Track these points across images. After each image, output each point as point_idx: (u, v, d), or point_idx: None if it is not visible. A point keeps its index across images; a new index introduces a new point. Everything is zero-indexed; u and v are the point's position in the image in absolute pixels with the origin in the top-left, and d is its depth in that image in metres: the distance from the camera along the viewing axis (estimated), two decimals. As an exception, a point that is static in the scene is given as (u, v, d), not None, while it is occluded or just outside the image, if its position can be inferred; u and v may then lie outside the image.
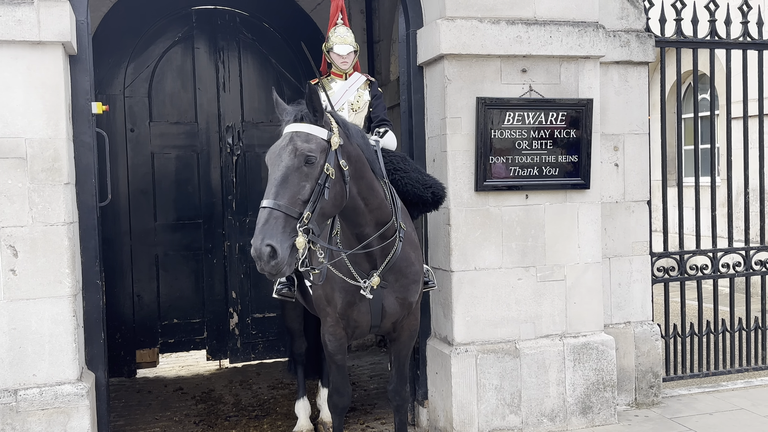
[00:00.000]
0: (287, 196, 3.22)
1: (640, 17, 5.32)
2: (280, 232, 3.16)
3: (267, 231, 3.14)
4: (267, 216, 3.18)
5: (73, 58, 4.33)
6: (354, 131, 3.69)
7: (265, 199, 3.23)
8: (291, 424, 5.17)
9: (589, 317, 5.01)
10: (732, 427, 4.93)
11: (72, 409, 4.11)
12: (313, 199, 3.27)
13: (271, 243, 3.13)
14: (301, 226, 3.22)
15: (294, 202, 3.24)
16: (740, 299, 6.13)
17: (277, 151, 3.36)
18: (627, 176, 5.33)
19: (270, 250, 3.12)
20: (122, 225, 6.73)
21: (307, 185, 3.28)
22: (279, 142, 3.42)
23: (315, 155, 3.32)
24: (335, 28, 4.76)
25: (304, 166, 3.28)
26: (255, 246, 3.14)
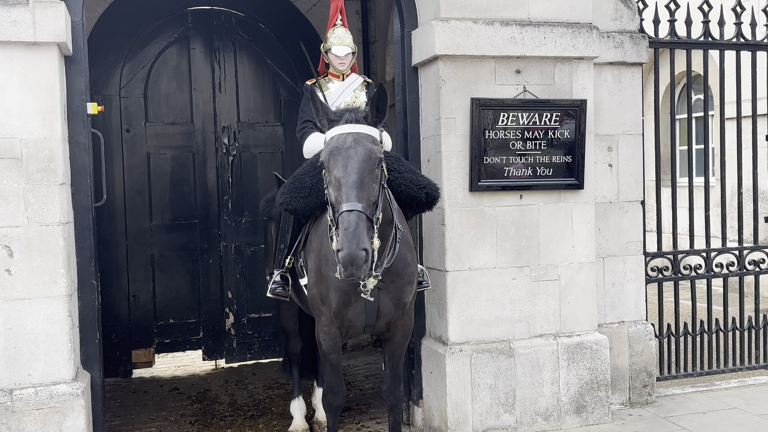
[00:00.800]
0: (365, 198, 3.27)
1: (633, 18, 5.35)
2: (367, 235, 3.21)
3: (359, 235, 3.18)
4: (357, 219, 3.21)
5: (69, 58, 4.34)
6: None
7: (347, 201, 3.24)
8: (286, 423, 5.19)
9: (583, 317, 5.03)
10: (725, 426, 4.96)
11: (67, 408, 4.12)
12: (380, 200, 3.36)
13: (366, 247, 3.17)
14: (377, 226, 3.31)
15: (369, 205, 3.30)
16: (734, 299, 6.16)
17: (344, 151, 3.36)
18: (621, 176, 5.35)
19: (365, 254, 3.16)
20: (118, 225, 6.74)
21: (375, 187, 3.36)
22: (341, 142, 3.40)
23: (381, 157, 3.40)
24: (334, 29, 4.78)
25: (375, 168, 3.35)
26: (351, 251, 3.14)
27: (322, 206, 4.26)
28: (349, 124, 3.44)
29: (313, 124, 4.69)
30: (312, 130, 4.67)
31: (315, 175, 4.27)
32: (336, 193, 3.33)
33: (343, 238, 3.18)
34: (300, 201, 4.22)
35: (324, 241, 4.02)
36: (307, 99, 4.73)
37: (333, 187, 3.39)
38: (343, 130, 3.44)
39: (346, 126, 3.45)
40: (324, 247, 4.01)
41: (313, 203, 4.24)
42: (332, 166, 3.38)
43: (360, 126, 3.44)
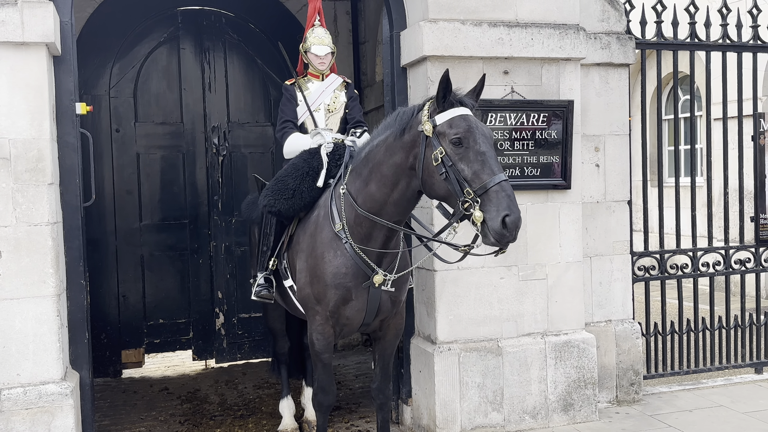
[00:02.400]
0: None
1: (620, 19, 5.39)
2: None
3: (516, 202, 3.38)
4: (511, 188, 3.41)
5: (57, 58, 4.34)
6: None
7: (499, 173, 3.40)
8: (276, 423, 5.20)
9: (571, 316, 5.07)
10: (711, 423, 5.01)
11: (56, 408, 4.12)
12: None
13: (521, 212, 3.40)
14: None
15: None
16: (720, 298, 6.21)
17: (478, 126, 3.52)
18: (608, 176, 5.39)
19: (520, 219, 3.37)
20: (107, 225, 6.74)
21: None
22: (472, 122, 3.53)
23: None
24: (313, 29, 4.80)
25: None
26: (519, 215, 3.33)
27: (305, 207, 4.28)
28: (464, 107, 3.58)
29: (293, 124, 4.72)
30: (292, 130, 4.69)
31: (298, 176, 4.29)
32: (479, 167, 3.43)
33: (509, 203, 3.33)
34: (284, 203, 4.24)
35: (318, 239, 4.03)
36: (286, 99, 4.76)
37: (471, 162, 3.46)
38: (464, 112, 3.56)
39: (463, 109, 3.58)
40: (319, 246, 4.02)
41: (297, 204, 4.26)
42: (472, 142, 3.48)
43: (471, 111, 3.60)
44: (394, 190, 3.75)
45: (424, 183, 3.63)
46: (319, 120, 4.72)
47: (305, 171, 4.31)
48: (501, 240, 3.35)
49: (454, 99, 3.58)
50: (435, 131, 3.54)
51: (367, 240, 3.87)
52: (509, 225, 3.31)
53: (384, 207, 3.80)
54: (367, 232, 3.86)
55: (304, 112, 4.74)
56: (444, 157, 3.49)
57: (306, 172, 4.30)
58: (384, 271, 3.89)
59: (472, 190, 3.40)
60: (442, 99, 3.57)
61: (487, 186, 3.36)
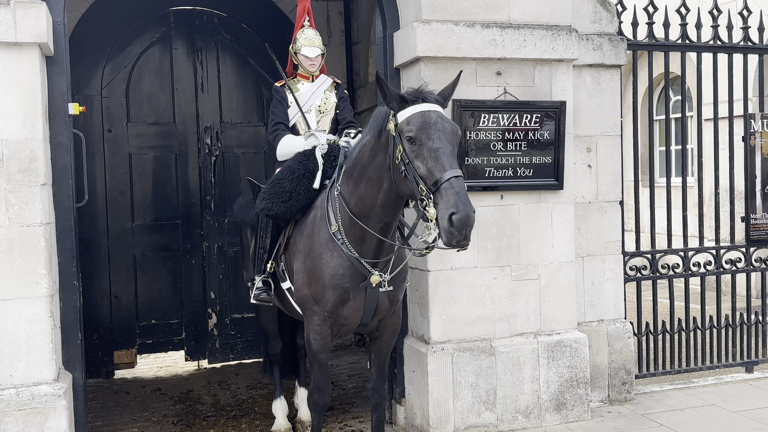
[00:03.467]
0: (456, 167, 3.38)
1: (612, 21, 5.42)
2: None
3: (468, 198, 3.29)
4: (463, 184, 3.32)
5: (50, 59, 4.33)
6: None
7: (451, 169, 3.32)
8: (269, 423, 5.20)
9: (563, 315, 5.09)
10: (703, 422, 5.04)
11: (49, 409, 4.11)
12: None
13: (474, 209, 3.30)
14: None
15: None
16: (711, 297, 6.25)
17: (434, 122, 3.44)
18: (600, 177, 5.42)
19: (474, 215, 3.28)
20: (100, 226, 6.72)
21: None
22: (429, 117, 3.46)
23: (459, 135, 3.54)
24: (303, 30, 4.79)
25: (456, 147, 3.47)
26: (467, 213, 3.22)
27: (302, 209, 4.29)
28: (428, 103, 3.53)
29: (284, 126, 4.72)
30: (284, 132, 4.69)
31: (294, 179, 4.29)
32: (433, 163, 3.37)
33: (457, 200, 3.24)
34: (281, 205, 4.24)
35: (315, 240, 4.03)
36: (277, 101, 4.76)
37: (425, 159, 3.40)
38: (426, 108, 3.50)
39: (425, 105, 3.52)
40: (316, 247, 4.02)
41: (294, 207, 4.26)
42: (425, 138, 3.42)
43: (436, 106, 3.54)
44: (380, 192, 3.73)
45: (394, 183, 3.60)
46: (311, 121, 4.72)
47: (301, 173, 4.31)
48: (450, 240, 3.25)
49: (418, 95, 3.56)
50: (397, 129, 3.52)
51: (362, 241, 3.87)
52: (455, 223, 3.21)
53: (373, 209, 3.78)
54: (361, 233, 3.86)
55: (296, 114, 4.74)
56: (402, 154, 3.46)
57: (302, 174, 4.30)
58: (380, 271, 3.90)
59: (425, 187, 3.35)
60: (398, 98, 3.55)
61: (439, 183, 3.31)
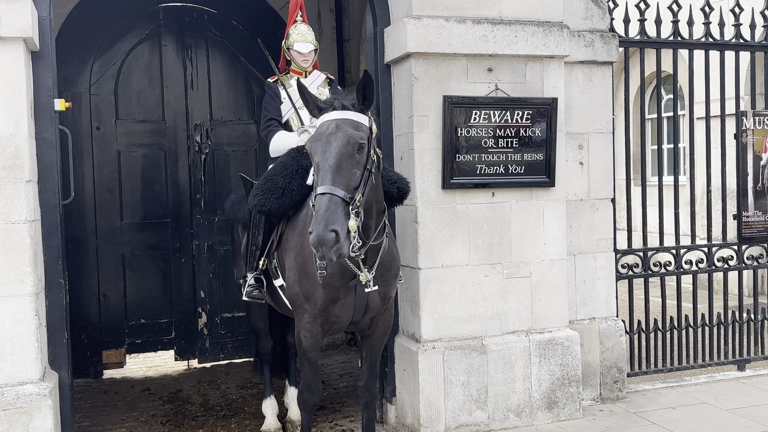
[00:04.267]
0: (343, 182, 3.31)
1: (604, 17, 5.40)
2: (340, 217, 3.25)
3: (329, 217, 3.22)
4: (328, 202, 3.26)
5: (36, 54, 4.27)
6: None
7: (322, 185, 3.29)
8: (259, 423, 5.16)
9: (555, 313, 5.07)
10: (695, 420, 5.02)
11: (34, 409, 4.05)
12: (362, 184, 3.37)
13: (335, 228, 3.21)
14: (353, 208, 3.31)
15: (348, 188, 3.33)
16: (703, 296, 6.24)
17: (324, 138, 3.40)
18: (591, 174, 5.40)
19: (335, 235, 3.20)
20: (88, 224, 6.66)
21: (357, 172, 3.38)
22: (324, 128, 3.44)
23: (365, 142, 3.42)
24: (295, 26, 4.76)
25: (356, 153, 3.37)
26: (318, 233, 3.19)
27: (295, 206, 4.25)
28: (336, 111, 3.49)
29: (277, 122, 4.68)
30: (277, 128, 4.65)
31: (287, 175, 4.25)
32: (317, 177, 3.39)
33: (314, 220, 3.25)
34: (274, 202, 4.20)
35: (305, 238, 4.00)
36: (269, 97, 4.72)
37: (315, 172, 3.45)
38: (329, 117, 3.48)
39: (333, 113, 3.49)
40: (307, 245, 3.99)
41: (287, 203, 4.23)
42: (313, 152, 3.44)
43: (346, 112, 3.48)
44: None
45: None
46: (304, 117, 4.68)
47: (294, 169, 4.27)
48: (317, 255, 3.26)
49: (331, 102, 3.53)
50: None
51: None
52: (310, 241, 3.22)
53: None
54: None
55: (289, 110, 4.70)
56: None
57: (295, 171, 4.27)
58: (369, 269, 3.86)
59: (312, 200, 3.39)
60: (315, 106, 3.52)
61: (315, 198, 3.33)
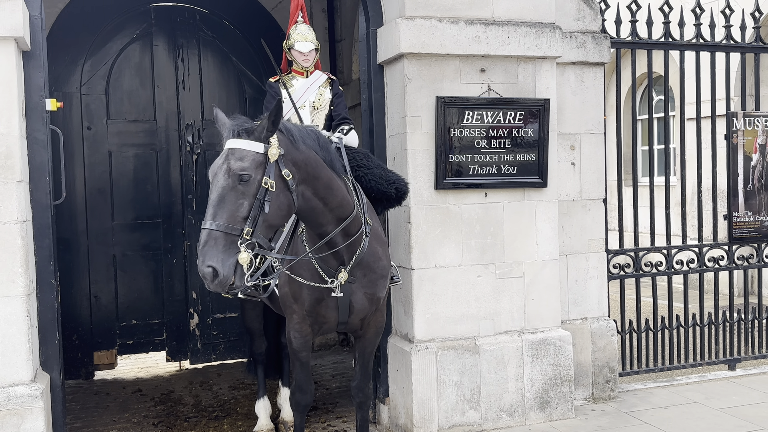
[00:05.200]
0: (225, 215, 3.27)
1: (596, 19, 5.42)
2: (220, 251, 3.22)
3: (207, 252, 3.21)
4: (206, 237, 3.24)
5: (27, 53, 4.25)
6: (303, 135, 3.65)
7: (205, 220, 3.29)
8: (252, 424, 5.14)
9: (547, 313, 5.08)
10: (686, 420, 5.04)
11: (26, 410, 4.03)
12: (252, 215, 3.30)
13: (211, 264, 3.20)
14: (242, 242, 3.26)
15: (234, 220, 3.28)
16: (694, 296, 6.27)
17: (215, 170, 3.39)
18: (583, 175, 5.41)
19: (211, 270, 3.20)
20: (79, 225, 6.63)
21: (245, 202, 3.31)
22: (218, 160, 3.42)
23: (249, 172, 3.33)
24: (296, 26, 4.75)
25: (239, 184, 3.31)
26: (198, 267, 3.24)
27: None
28: (230, 139, 3.43)
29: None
30: None
31: None
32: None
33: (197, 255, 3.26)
34: None
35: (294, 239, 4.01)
36: (270, 97, 4.70)
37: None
38: (225, 147, 3.44)
39: (226, 143, 3.44)
40: (294, 245, 3.99)
41: None
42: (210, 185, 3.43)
43: (235, 141, 3.41)
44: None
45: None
46: (305, 117, 4.66)
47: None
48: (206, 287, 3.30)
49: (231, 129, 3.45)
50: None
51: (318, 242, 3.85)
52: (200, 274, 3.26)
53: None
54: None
55: (290, 110, 4.68)
56: None
57: None
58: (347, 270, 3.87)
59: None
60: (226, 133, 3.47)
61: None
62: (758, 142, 6.13)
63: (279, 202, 3.42)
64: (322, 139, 3.82)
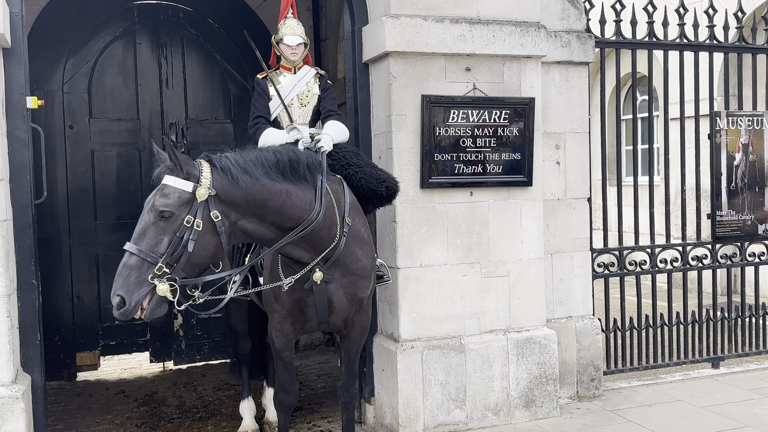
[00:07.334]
0: (144, 246, 3.29)
1: (580, 18, 5.43)
2: (132, 282, 3.27)
3: (118, 281, 3.28)
4: (124, 261, 3.30)
5: (7, 51, 4.19)
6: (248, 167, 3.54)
7: (128, 243, 3.32)
8: (236, 424, 5.11)
9: (532, 312, 5.08)
10: (670, 418, 5.07)
11: (6, 412, 3.98)
12: (170, 252, 3.30)
13: (121, 294, 3.26)
14: (155, 277, 3.27)
15: (153, 252, 3.29)
16: (678, 294, 6.30)
17: (146, 203, 3.40)
18: (568, 174, 5.43)
19: (119, 299, 3.26)
20: (61, 224, 6.56)
21: (164, 238, 3.31)
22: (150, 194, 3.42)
23: (171, 209, 3.31)
24: (285, 20, 4.70)
25: (160, 221, 3.31)
26: (111, 295, 3.30)
27: None
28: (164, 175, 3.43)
29: (265, 119, 4.63)
30: (265, 125, 4.59)
31: None
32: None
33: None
34: None
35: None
36: (258, 94, 4.65)
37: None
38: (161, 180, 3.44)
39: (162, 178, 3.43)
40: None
41: None
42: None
43: (168, 178, 3.40)
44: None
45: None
46: (293, 114, 4.62)
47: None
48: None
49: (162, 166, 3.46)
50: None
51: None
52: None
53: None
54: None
55: (278, 106, 4.62)
56: None
57: None
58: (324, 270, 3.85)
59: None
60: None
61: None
62: (741, 141, 6.17)
63: (204, 242, 3.39)
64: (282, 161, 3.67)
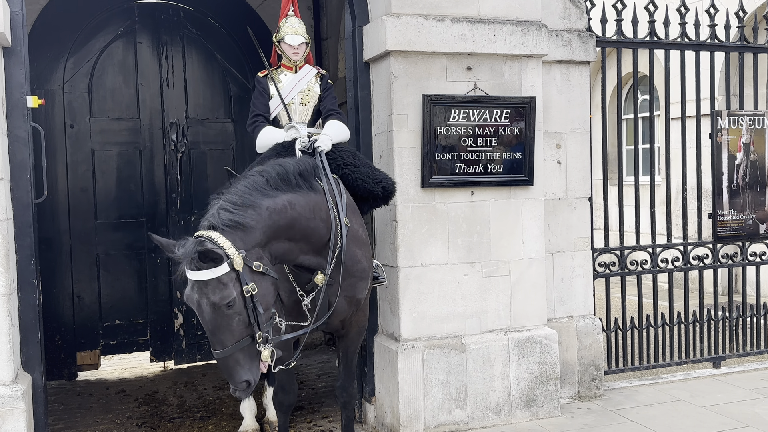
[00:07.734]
0: (228, 340, 3.24)
1: (581, 17, 5.43)
2: (246, 366, 3.28)
3: (235, 371, 3.27)
4: (224, 362, 3.28)
5: (7, 50, 4.19)
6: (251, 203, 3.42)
7: (213, 348, 3.29)
8: (237, 424, 5.10)
9: (533, 312, 5.08)
10: (671, 417, 5.06)
11: (6, 411, 3.97)
12: (252, 321, 3.28)
13: (245, 379, 3.27)
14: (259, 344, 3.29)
15: (239, 336, 3.25)
16: (679, 294, 6.30)
17: (194, 302, 3.24)
18: (569, 173, 5.42)
19: (246, 384, 3.28)
20: (61, 224, 6.55)
21: (239, 317, 3.25)
22: (190, 291, 3.24)
23: (230, 295, 3.20)
24: (286, 19, 4.69)
25: (227, 310, 3.21)
26: (234, 388, 3.30)
27: None
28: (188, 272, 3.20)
29: (264, 118, 4.63)
30: (264, 124, 4.59)
31: None
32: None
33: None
34: None
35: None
36: (258, 92, 4.65)
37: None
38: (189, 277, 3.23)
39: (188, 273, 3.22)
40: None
41: None
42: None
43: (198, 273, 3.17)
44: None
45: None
46: (293, 113, 4.61)
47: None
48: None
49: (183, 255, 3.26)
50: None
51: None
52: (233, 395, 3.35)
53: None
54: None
55: (278, 105, 4.62)
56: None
57: None
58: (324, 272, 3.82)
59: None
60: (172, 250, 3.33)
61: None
62: (742, 141, 6.16)
63: (264, 292, 3.35)
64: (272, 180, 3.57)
